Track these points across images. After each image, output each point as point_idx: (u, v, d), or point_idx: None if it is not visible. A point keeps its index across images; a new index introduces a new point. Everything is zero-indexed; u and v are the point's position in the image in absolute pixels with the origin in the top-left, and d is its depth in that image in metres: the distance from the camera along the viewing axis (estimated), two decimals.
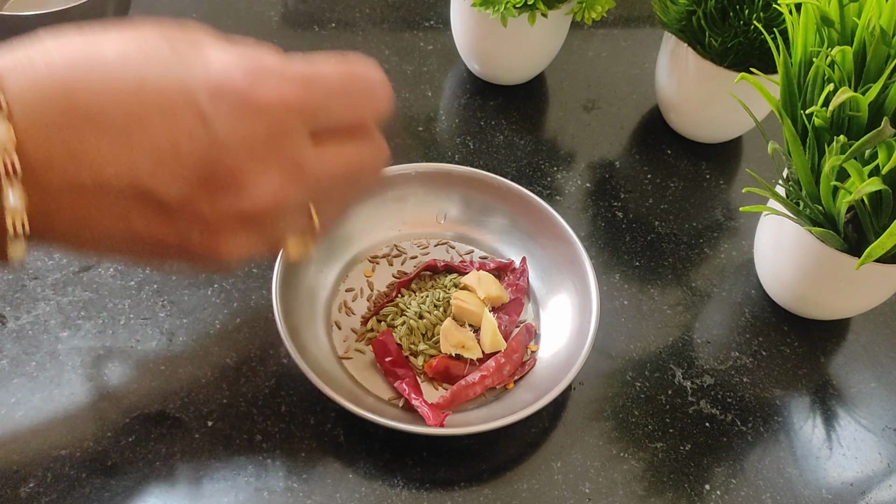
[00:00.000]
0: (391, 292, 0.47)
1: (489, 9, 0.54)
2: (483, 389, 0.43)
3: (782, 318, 0.51)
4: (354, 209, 0.44)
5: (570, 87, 0.65)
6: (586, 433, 0.44)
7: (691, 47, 0.54)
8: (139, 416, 0.41)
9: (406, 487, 0.40)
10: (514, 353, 0.44)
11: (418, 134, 0.59)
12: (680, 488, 0.42)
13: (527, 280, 0.49)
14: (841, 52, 0.40)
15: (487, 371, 0.43)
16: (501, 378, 0.43)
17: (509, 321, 0.46)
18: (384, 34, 0.66)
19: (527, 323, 0.47)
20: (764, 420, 0.46)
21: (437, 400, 0.42)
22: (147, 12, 0.65)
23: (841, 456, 0.45)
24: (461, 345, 0.44)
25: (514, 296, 0.48)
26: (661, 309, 0.50)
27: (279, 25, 0.66)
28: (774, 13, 0.50)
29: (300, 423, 0.42)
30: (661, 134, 0.62)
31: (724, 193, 0.58)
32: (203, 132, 0.29)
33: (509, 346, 0.44)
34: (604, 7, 0.56)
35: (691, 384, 0.47)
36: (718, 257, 0.54)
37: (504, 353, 0.44)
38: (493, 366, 0.43)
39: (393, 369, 0.43)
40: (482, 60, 0.61)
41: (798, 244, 0.45)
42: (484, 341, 0.44)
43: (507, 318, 0.46)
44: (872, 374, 0.49)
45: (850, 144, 0.38)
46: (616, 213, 0.56)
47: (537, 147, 0.59)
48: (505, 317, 0.46)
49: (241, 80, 0.29)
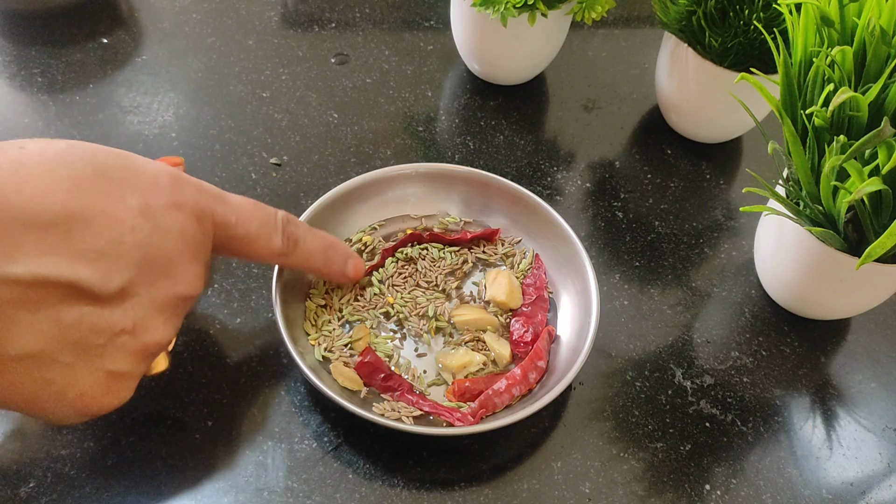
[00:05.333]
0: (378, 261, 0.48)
1: (489, 9, 0.54)
2: (511, 399, 0.42)
3: (782, 318, 0.51)
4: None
5: (570, 87, 0.65)
6: (586, 433, 0.44)
7: (691, 47, 0.54)
8: (139, 416, 0.41)
9: (406, 487, 0.40)
10: (539, 359, 0.43)
11: (418, 134, 0.59)
12: (680, 488, 0.42)
13: (545, 273, 0.48)
14: (841, 52, 0.40)
15: (514, 379, 0.42)
16: (528, 384, 0.43)
17: (539, 322, 0.46)
18: (384, 34, 0.66)
19: (548, 327, 0.46)
20: (764, 420, 0.46)
21: (466, 411, 0.41)
22: (148, 12, 0.65)
23: (841, 456, 0.45)
24: (464, 367, 0.44)
25: (535, 294, 0.47)
26: (661, 309, 0.50)
27: (279, 25, 0.66)
28: (774, 13, 0.50)
29: (300, 423, 0.42)
30: (661, 134, 0.62)
31: (724, 193, 0.58)
32: (146, 225, 0.32)
33: (534, 351, 0.43)
34: (604, 7, 0.56)
35: (691, 384, 0.47)
36: (718, 257, 0.54)
37: (528, 360, 0.43)
38: (520, 374, 0.42)
39: (386, 385, 0.42)
40: (482, 60, 0.61)
41: (798, 244, 0.45)
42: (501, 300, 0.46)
43: (535, 320, 0.46)
44: (872, 374, 0.49)
45: (850, 144, 0.38)
46: (616, 213, 0.56)
47: (537, 147, 0.59)
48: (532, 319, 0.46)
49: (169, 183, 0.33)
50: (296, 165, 0.55)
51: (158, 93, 0.58)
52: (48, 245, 0.29)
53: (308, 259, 0.40)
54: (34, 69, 0.59)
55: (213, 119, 0.57)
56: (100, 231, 0.30)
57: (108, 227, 0.30)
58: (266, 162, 0.55)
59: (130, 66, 0.60)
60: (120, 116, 0.56)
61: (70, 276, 0.29)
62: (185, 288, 0.34)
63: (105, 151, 0.32)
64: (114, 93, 0.58)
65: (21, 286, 0.28)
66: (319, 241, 0.41)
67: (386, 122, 0.59)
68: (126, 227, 0.31)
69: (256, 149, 0.56)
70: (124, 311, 0.32)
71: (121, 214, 0.31)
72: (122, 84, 0.59)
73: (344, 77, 0.62)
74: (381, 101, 0.61)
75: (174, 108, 0.58)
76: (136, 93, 0.58)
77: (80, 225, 0.29)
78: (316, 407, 0.43)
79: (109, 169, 0.31)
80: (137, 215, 0.31)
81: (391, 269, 0.48)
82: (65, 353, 0.31)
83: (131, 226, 0.31)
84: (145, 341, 0.33)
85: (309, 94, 0.60)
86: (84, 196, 0.30)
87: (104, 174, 0.31)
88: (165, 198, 0.33)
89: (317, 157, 0.56)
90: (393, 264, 0.48)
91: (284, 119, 0.58)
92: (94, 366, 0.32)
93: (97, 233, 0.30)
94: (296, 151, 0.56)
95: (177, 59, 0.61)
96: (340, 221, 0.48)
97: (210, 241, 0.35)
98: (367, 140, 0.57)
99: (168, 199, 0.33)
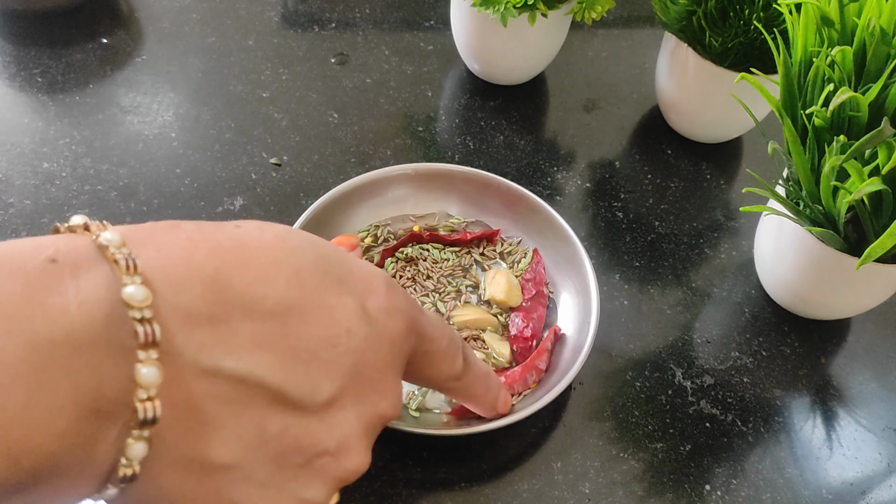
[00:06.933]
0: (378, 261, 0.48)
1: (489, 9, 0.54)
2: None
3: (782, 318, 0.51)
4: None
5: (570, 87, 0.65)
6: (586, 433, 0.44)
7: (691, 47, 0.54)
8: None
9: (406, 487, 0.40)
10: (540, 359, 0.43)
11: (418, 134, 0.59)
12: (680, 488, 0.42)
13: (543, 269, 0.48)
14: (841, 52, 0.40)
15: (513, 378, 0.42)
16: (526, 385, 0.43)
17: (538, 316, 0.46)
18: (384, 34, 0.66)
19: (555, 326, 0.45)
20: (764, 420, 0.46)
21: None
22: (148, 12, 0.65)
23: (841, 456, 0.45)
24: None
25: (535, 289, 0.47)
26: (661, 309, 0.50)
27: (279, 25, 0.66)
28: (774, 13, 0.50)
29: None
30: (661, 134, 0.62)
31: (724, 193, 0.58)
32: (363, 328, 0.27)
33: (538, 351, 0.43)
34: (604, 7, 0.56)
35: (691, 384, 0.47)
36: (718, 257, 0.54)
37: (530, 360, 0.43)
38: (518, 373, 0.42)
39: None
40: (482, 60, 0.61)
41: (798, 244, 0.45)
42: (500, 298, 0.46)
43: (535, 315, 0.46)
44: (872, 374, 0.49)
45: (850, 144, 0.38)
46: (616, 213, 0.56)
47: (537, 147, 0.59)
48: (533, 315, 0.46)
49: (385, 286, 0.29)
50: (296, 165, 0.55)
51: (158, 93, 0.58)
52: (264, 338, 0.25)
53: (474, 385, 0.36)
54: (34, 69, 0.59)
55: (213, 119, 0.57)
56: (316, 330, 0.26)
57: (324, 327, 0.26)
58: (266, 162, 0.55)
59: (130, 66, 0.60)
60: (120, 116, 0.56)
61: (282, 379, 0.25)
62: (388, 407, 0.29)
63: (324, 243, 0.29)
64: (114, 93, 0.58)
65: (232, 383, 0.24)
66: (482, 367, 0.37)
67: (386, 122, 0.59)
68: (342, 329, 0.27)
69: (256, 149, 0.56)
70: (329, 428, 0.27)
71: (338, 314, 0.27)
72: (122, 84, 0.59)
73: (344, 77, 0.62)
74: (381, 101, 0.61)
75: (174, 108, 0.58)
76: (136, 93, 0.58)
77: (297, 320, 0.25)
78: None
79: (329, 263, 0.28)
80: (353, 317, 0.27)
81: (391, 269, 0.48)
82: (260, 470, 0.26)
83: (347, 328, 0.27)
84: (346, 467, 0.28)
85: (309, 94, 0.60)
86: (304, 288, 0.26)
87: (324, 267, 0.27)
88: (381, 302, 0.29)
89: (317, 157, 0.56)
90: (392, 265, 0.48)
91: (284, 119, 0.58)
92: (288, 490, 0.26)
93: (313, 332, 0.26)
94: (296, 151, 0.56)
95: (177, 59, 0.61)
96: (340, 221, 0.48)
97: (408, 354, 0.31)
98: (367, 140, 0.57)
99: (384, 303, 0.29)
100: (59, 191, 0.51)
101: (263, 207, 0.52)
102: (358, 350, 0.27)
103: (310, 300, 0.26)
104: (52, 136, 0.54)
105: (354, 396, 0.27)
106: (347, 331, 0.27)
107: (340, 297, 0.27)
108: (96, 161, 0.53)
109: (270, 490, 0.26)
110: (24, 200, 0.50)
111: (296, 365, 0.25)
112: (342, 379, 0.27)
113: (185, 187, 0.52)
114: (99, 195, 0.51)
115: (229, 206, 0.52)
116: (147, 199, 0.51)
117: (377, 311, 0.28)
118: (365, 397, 0.28)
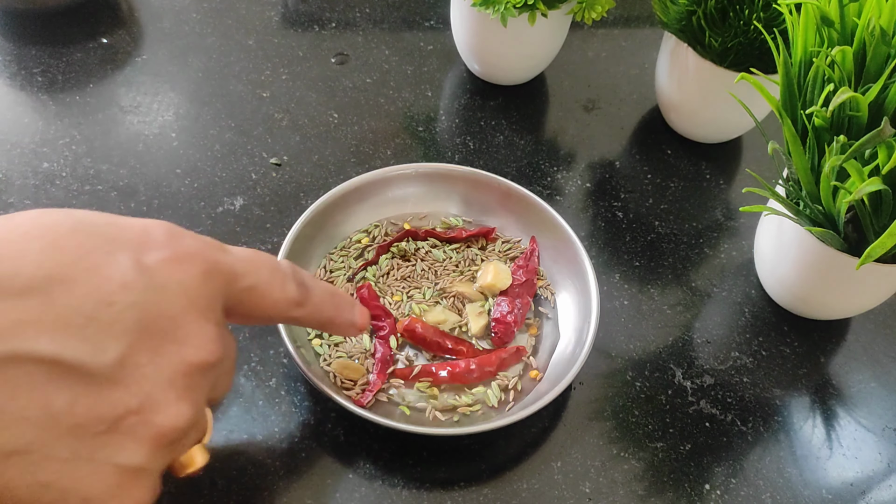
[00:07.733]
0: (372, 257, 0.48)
1: (489, 9, 0.54)
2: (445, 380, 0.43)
3: (782, 318, 0.51)
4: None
5: (570, 87, 0.65)
6: (586, 433, 0.44)
7: (691, 47, 0.54)
8: None
9: (406, 487, 0.40)
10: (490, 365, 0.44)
11: (418, 134, 0.59)
12: (680, 488, 0.42)
13: (537, 261, 0.49)
14: (841, 52, 0.40)
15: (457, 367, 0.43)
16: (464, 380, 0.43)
17: (522, 304, 0.46)
18: (384, 34, 0.66)
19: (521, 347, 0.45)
20: (764, 420, 0.46)
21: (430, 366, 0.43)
22: (148, 12, 0.65)
23: (841, 456, 0.45)
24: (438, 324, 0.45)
25: (525, 277, 0.47)
26: (661, 309, 0.50)
27: (279, 25, 0.66)
28: (774, 13, 0.50)
29: (300, 423, 0.42)
30: (661, 134, 0.62)
31: (724, 193, 0.58)
32: (140, 281, 0.27)
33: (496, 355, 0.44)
34: (604, 7, 0.56)
35: (691, 384, 0.47)
36: (718, 257, 0.54)
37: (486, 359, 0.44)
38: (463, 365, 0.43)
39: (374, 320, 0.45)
40: (482, 60, 0.61)
41: (798, 244, 0.45)
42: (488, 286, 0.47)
43: (520, 302, 0.46)
44: (872, 374, 0.49)
45: (850, 144, 0.38)
46: (616, 213, 0.56)
47: (537, 147, 0.59)
48: (518, 301, 0.46)
49: (164, 235, 0.29)
50: (296, 165, 0.55)
51: (158, 93, 0.58)
52: (24, 314, 0.24)
53: (321, 308, 0.35)
54: (34, 69, 0.59)
55: (213, 119, 0.57)
56: (85, 293, 0.25)
57: (95, 288, 0.25)
58: (266, 162, 0.55)
59: (130, 66, 0.60)
60: (120, 116, 0.56)
61: (54, 348, 0.24)
62: (197, 352, 0.28)
63: (84, 211, 0.28)
64: (114, 93, 0.58)
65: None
66: (325, 287, 0.36)
67: (386, 122, 0.59)
68: (115, 286, 0.26)
69: (256, 149, 0.56)
70: (126, 387, 0.26)
71: (108, 271, 0.26)
72: (122, 84, 0.59)
73: (344, 77, 0.62)
74: (381, 101, 0.61)
75: (174, 108, 0.58)
76: (136, 93, 0.58)
77: (60, 288, 0.25)
78: (316, 407, 0.43)
79: (92, 225, 0.27)
80: (128, 271, 0.26)
81: (385, 265, 0.48)
82: (59, 446, 0.25)
83: (121, 283, 0.26)
84: (158, 423, 0.27)
85: (309, 94, 0.60)
86: (63, 254, 0.25)
87: (85, 229, 0.27)
88: (161, 251, 0.28)
89: (317, 157, 0.56)
90: (387, 261, 0.48)
91: (284, 119, 0.58)
92: (99, 460, 0.26)
93: (82, 295, 0.25)
94: (296, 151, 0.56)
95: (177, 59, 0.61)
96: (340, 221, 0.48)
97: (220, 297, 0.30)
98: (367, 140, 0.57)
99: (164, 252, 0.28)
100: (59, 191, 0.51)
101: (263, 207, 0.52)
102: (139, 304, 0.26)
103: (73, 265, 0.25)
104: (53, 136, 0.54)
105: (149, 350, 0.27)
106: (122, 287, 0.26)
107: (110, 256, 0.26)
108: (96, 161, 0.53)
109: (80, 463, 0.25)
110: (25, 200, 0.50)
111: (69, 331, 0.25)
112: (127, 335, 0.26)
113: (185, 187, 0.52)
114: (99, 195, 0.51)
115: (229, 205, 0.52)
116: (147, 199, 0.51)
117: (158, 262, 0.28)
118: (161, 349, 0.27)
